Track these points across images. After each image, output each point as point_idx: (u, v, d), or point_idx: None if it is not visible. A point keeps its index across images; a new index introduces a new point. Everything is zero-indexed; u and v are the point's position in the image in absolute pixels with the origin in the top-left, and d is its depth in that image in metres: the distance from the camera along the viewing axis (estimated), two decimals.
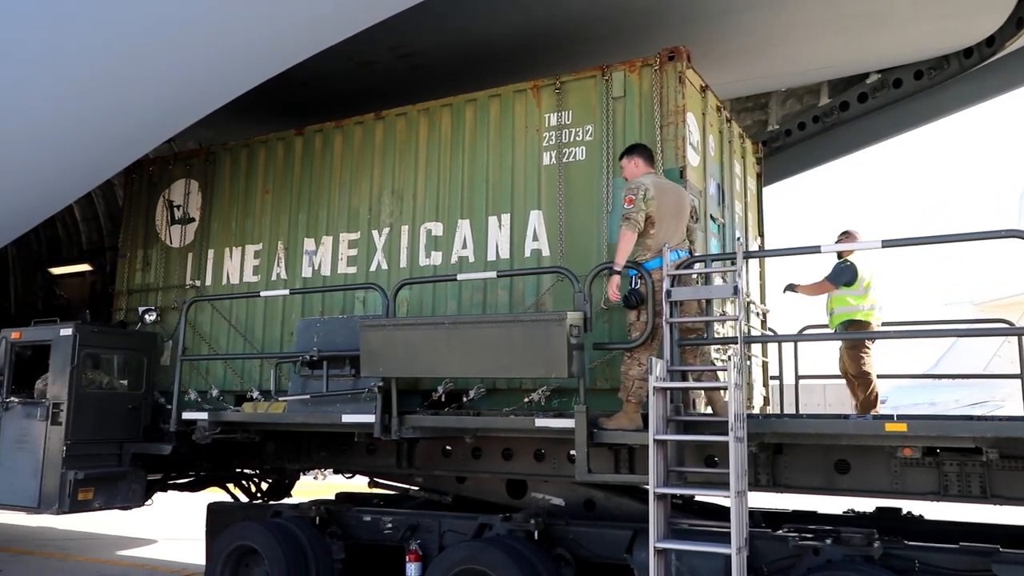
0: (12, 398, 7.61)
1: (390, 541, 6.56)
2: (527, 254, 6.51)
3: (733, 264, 5.30)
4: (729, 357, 4.87)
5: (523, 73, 7.12)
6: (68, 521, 12.03)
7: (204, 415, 6.91)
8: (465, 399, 6.35)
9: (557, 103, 6.53)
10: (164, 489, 8.57)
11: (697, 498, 6.26)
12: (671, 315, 5.16)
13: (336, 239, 7.50)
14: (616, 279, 5.45)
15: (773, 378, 7.86)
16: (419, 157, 7.20)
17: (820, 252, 5.00)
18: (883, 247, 4.81)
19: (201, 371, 7.95)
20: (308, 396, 6.49)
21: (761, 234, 8.22)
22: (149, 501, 8.10)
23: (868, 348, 6.82)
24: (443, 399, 6.29)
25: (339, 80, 8.44)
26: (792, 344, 7.37)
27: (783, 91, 9.63)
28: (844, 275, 6.63)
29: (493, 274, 6.19)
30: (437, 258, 6.93)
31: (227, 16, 5.92)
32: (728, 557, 4.69)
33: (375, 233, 7.28)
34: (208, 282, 8.23)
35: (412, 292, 6.88)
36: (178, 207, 8.65)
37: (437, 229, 6.98)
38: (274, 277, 7.83)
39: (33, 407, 7.43)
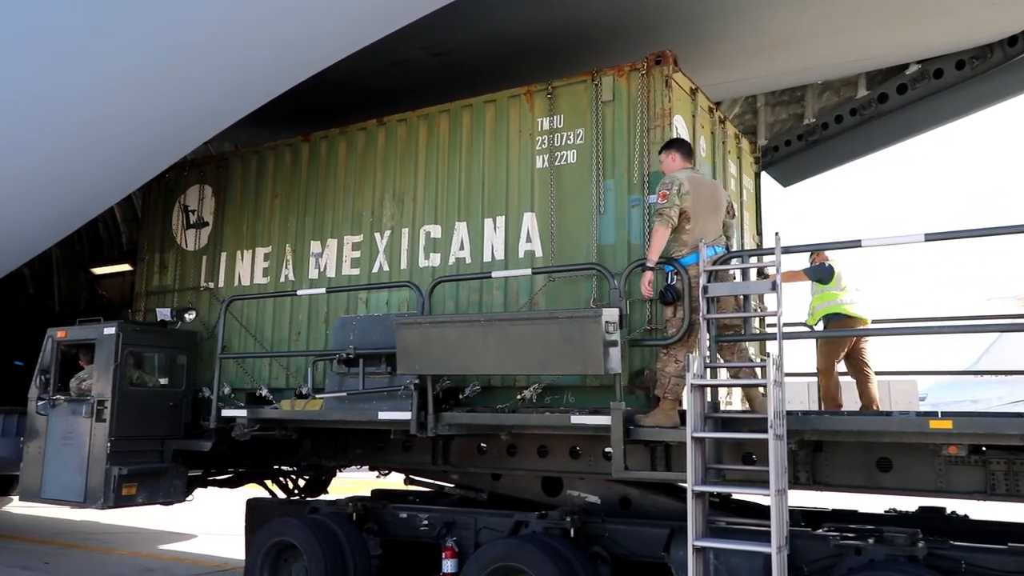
0: (59, 396, 7.77)
1: (426, 538, 6.59)
2: (521, 255, 6.66)
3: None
4: (768, 354, 4.81)
5: (555, 71, 7.10)
6: (111, 515, 12.28)
7: (243, 412, 7.02)
8: (461, 396, 6.43)
9: (549, 108, 6.69)
10: (204, 485, 8.70)
11: (735, 496, 6.20)
12: (708, 311, 5.12)
13: (340, 242, 7.73)
14: (649, 275, 5.43)
15: (809, 375, 7.74)
16: (419, 161, 7.40)
17: (861, 246, 4.91)
18: (926, 240, 4.72)
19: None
20: (345, 393, 6.55)
21: (759, 232, 8.25)
22: (190, 497, 8.25)
23: (864, 343, 6.88)
24: (440, 395, 6.30)
25: (374, 79, 8.49)
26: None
27: (819, 84, 9.48)
28: (820, 272, 6.60)
29: (528, 271, 6.20)
30: (435, 259, 7.12)
31: (267, 18, 5.99)
32: (768, 556, 4.65)
33: (377, 236, 7.50)
34: (221, 284, 8.49)
35: (412, 293, 6.99)
36: (193, 212, 8.92)
37: (435, 231, 7.18)
38: (282, 279, 8.06)
39: (78, 404, 7.59)
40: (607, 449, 5.97)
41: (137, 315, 9.02)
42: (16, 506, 14.39)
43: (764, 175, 10.06)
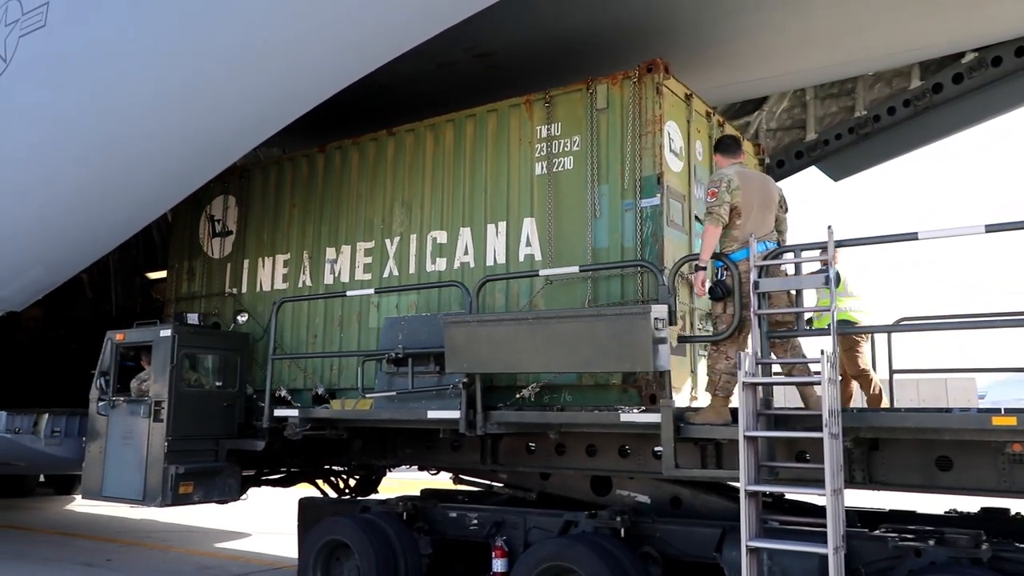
0: (118, 397, 7.99)
1: (476, 537, 6.62)
2: (521, 259, 6.86)
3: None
4: (822, 351, 4.71)
5: (599, 68, 7.08)
6: (168, 514, 12.62)
7: (295, 412, 7.13)
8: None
9: (547, 116, 6.89)
10: (257, 484, 8.86)
11: (787, 495, 6.09)
12: (759, 307, 5.04)
13: (353, 248, 8.01)
14: (702, 275, 5.38)
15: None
16: (426, 170, 7.65)
17: (918, 239, 4.79)
18: (987, 231, 4.58)
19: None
20: (394, 392, 6.60)
21: None
22: (244, 496, 8.40)
23: (861, 346, 6.84)
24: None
25: (420, 82, 8.54)
26: (885, 336, 7.08)
27: (871, 75, 9.26)
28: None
29: (575, 268, 6.19)
30: (442, 264, 7.36)
31: (317, 22, 6.09)
32: (823, 557, 4.56)
33: (387, 242, 7.77)
34: (244, 289, 8.84)
35: (420, 296, 7.35)
36: (218, 221, 9.27)
37: (441, 237, 7.42)
38: (300, 284, 8.36)
39: (136, 405, 7.78)
40: (656, 448, 5.93)
41: (166, 320, 9.29)
42: (78, 504, 14.86)
43: (813, 169, 9.91)
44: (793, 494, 5.80)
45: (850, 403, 6.65)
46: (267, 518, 12.36)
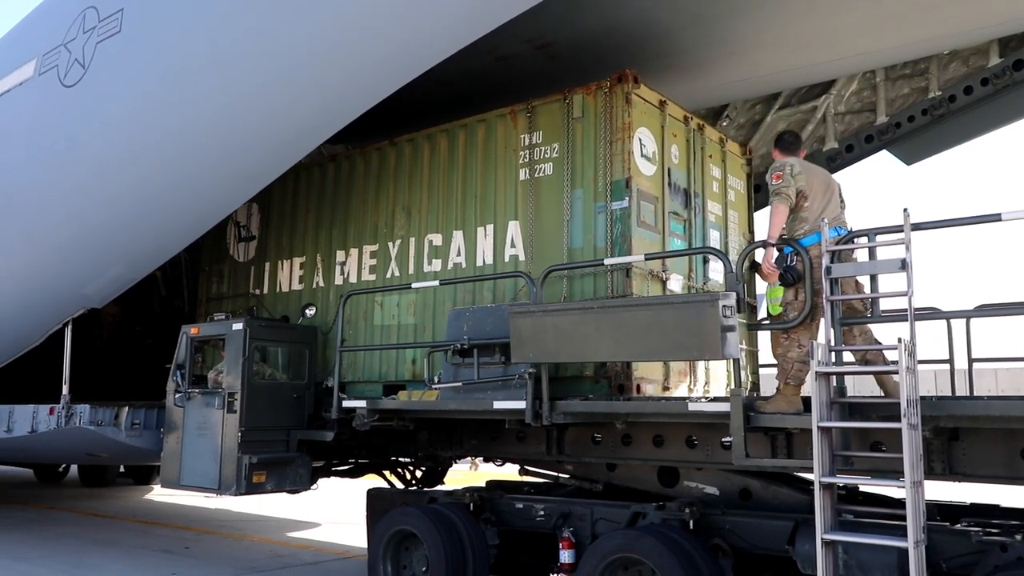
0: (193, 389, 8.25)
1: (542, 528, 6.63)
2: (506, 259, 7.35)
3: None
4: (899, 339, 4.57)
5: (666, 58, 7.03)
6: (242, 503, 12.99)
7: (363, 403, 7.25)
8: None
9: (529, 125, 7.34)
10: (327, 475, 9.05)
11: (861, 487, 5.93)
12: (831, 293, 4.91)
13: (360, 251, 8.58)
14: (771, 251, 5.35)
15: (942, 361, 7.32)
16: (423, 177, 8.18)
17: (1001, 220, 4.59)
18: None
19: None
20: (460, 384, 6.65)
21: (751, 230, 8.51)
22: (314, 485, 8.58)
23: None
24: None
25: (478, 76, 8.57)
26: (964, 322, 6.80)
27: (945, 54, 8.91)
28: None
29: (641, 257, 6.17)
30: (437, 265, 7.88)
31: (380, 18, 6.17)
32: (902, 552, 4.43)
33: (390, 245, 8.32)
34: (265, 291, 9.52)
35: (418, 295, 7.86)
36: (243, 227, 9.93)
37: (437, 240, 7.94)
38: (314, 285, 8.98)
39: (211, 396, 8.02)
40: (725, 439, 5.84)
41: (199, 319, 9.81)
42: (156, 493, 15.43)
43: (884, 153, 9.59)
44: (870, 486, 5.63)
45: None
46: (336, 508, 12.63)
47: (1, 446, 10.09)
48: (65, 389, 8.84)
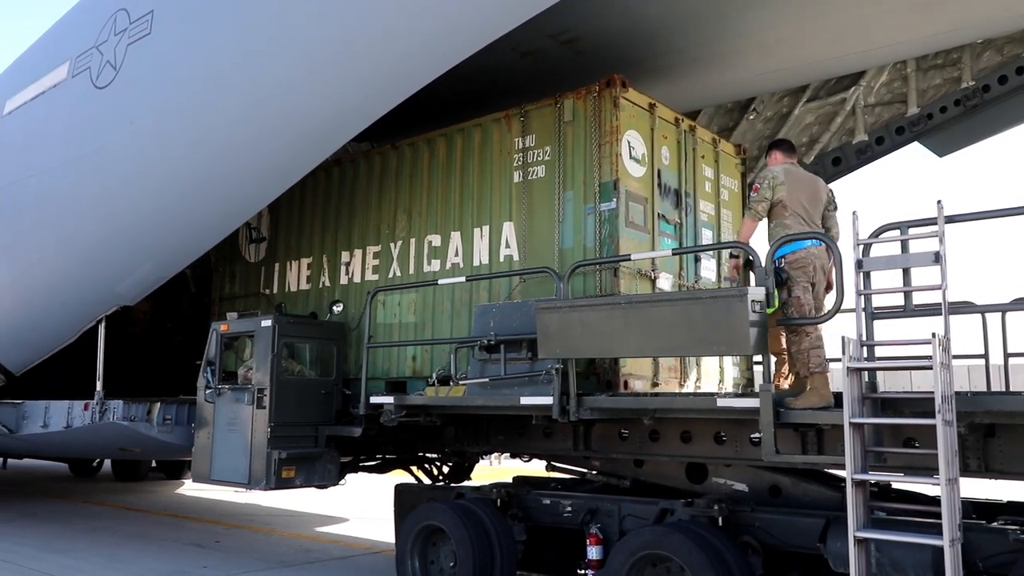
0: (223, 385, 8.34)
1: (570, 524, 6.61)
2: (501, 259, 7.54)
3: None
4: (933, 334, 4.49)
5: (693, 50, 6.97)
6: (269, 498, 13.13)
7: (390, 399, 7.29)
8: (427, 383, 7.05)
9: (523, 128, 7.53)
10: (355, 470, 9.09)
11: (894, 484, 5.84)
12: (864, 287, 4.85)
13: (364, 251, 8.84)
14: (734, 261, 6.19)
15: (977, 356, 7.19)
16: (423, 180, 8.40)
17: None
18: None
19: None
20: (487, 379, 6.65)
21: None
22: (342, 481, 8.64)
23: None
24: (436, 384, 7.11)
25: (503, 72, 8.56)
26: (999, 316, 6.66)
27: (979, 43, 8.73)
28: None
29: (668, 252, 6.15)
30: (436, 265, 8.09)
31: (407, 14, 6.18)
32: (937, 550, 4.35)
33: (391, 245, 8.55)
34: (275, 290, 9.82)
35: (417, 293, 8.09)
36: (254, 229, 10.23)
37: (436, 240, 8.15)
38: (320, 285, 9.25)
39: (241, 392, 8.10)
40: (754, 435, 5.79)
41: (213, 319, 9.92)
42: (187, 488, 15.64)
43: (916, 145, 9.44)
44: (903, 483, 5.55)
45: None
46: (364, 503, 12.71)
47: (38, 441, 10.29)
48: (99, 385, 8.99)
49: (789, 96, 9.73)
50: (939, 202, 4.59)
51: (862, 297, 4.86)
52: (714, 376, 7.72)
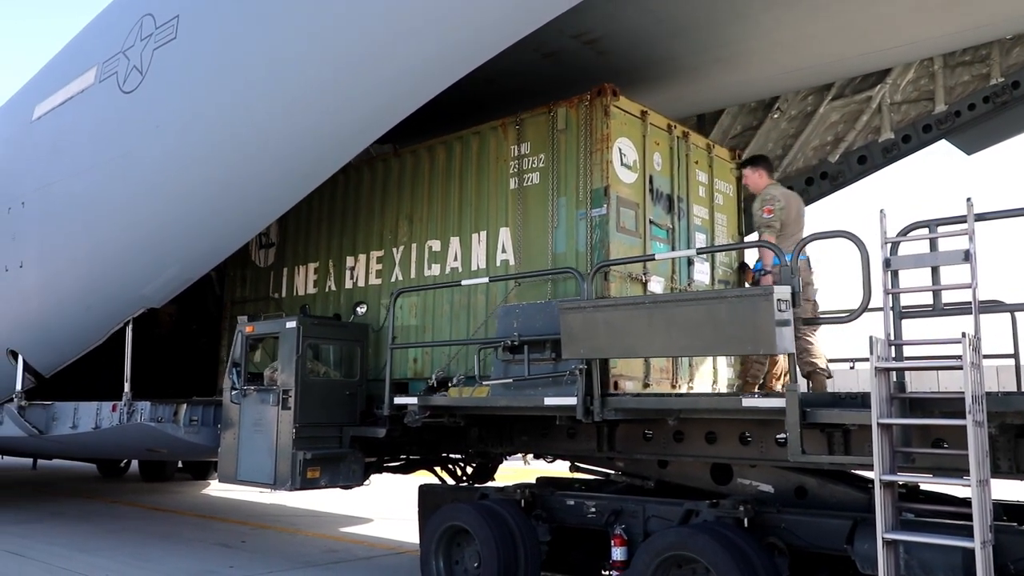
0: (249, 386, 8.40)
1: (594, 525, 6.59)
2: (498, 264, 7.73)
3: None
4: (963, 333, 4.43)
5: (718, 50, 6.95)
6: (294, 499, 13.22)
7: (414, 400, 7.31)
8: (450, 384, 7.17)
9: (518, 136, 7.69)
10: (379, 471, 9.12)
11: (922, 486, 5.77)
12: (892, 285, 4.80)
13: (368, 256, 9.07)
14: (770, 277, 6.27)
15: (1007, 356, 7.09)
16: (424, 186, 8.60)
17: None
18: None
19: None
20: (511, 380, 6.66)
21: (741, 233, 8.71)
22: (367, 481, 8.68)
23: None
24: (435, 385, 7.31)
25: (525, 74, 8.56)
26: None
27: (1008, 39, 8.60)
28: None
29: (693, 252, 6.16)
30: (436, 269, 8.29)
31: (429, 17, 6.21)
32: (967, 552, 4.30)
33: (394, 250, 8.78)
34: (283, 294, 10.09)
35: (419, 296, 8.29)
36: (264, 234, 10.37)
37: (436, 246, 8.37)
38: (327, 289, 9.49)
39: (266, 393, 8.15)
40: (779, 435, 5.75)
41: (224, 322, 10.15)
42: (212, 488, 15.79)
43: (944, 143, 9.31)
44: (933, 485, 5.48)
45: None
46: (388, 504, 12.76)
47: (67, 442, 10.43)
48: (126, 387, 9.09)
49: (814, 94, 9.64)
50: (968, 199, 4.54)
51: (890, 296, 4.80)
52: (707, 377, 7.71)
